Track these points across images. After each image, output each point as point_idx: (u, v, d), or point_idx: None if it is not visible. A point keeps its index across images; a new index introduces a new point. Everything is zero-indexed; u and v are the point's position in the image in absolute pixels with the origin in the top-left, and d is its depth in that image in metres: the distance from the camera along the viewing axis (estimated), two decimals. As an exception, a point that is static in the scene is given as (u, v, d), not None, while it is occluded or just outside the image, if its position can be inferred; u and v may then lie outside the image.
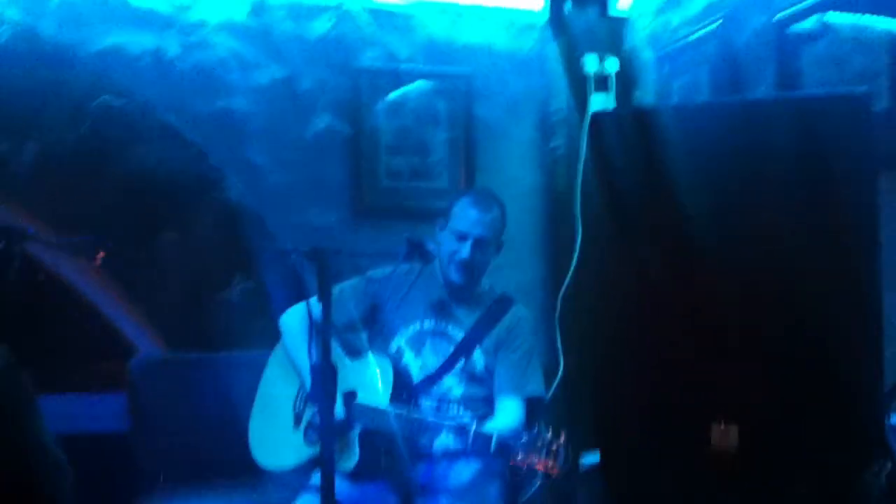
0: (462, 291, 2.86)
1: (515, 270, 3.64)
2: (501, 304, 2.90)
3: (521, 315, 2.90)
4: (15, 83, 3.27)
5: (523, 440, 2.33)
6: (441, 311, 2.86)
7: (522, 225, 3.80)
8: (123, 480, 3.02)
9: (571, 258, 3.24)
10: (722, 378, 2.31)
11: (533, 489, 2.87)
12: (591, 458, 2.57)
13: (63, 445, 2.53)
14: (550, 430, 2.33)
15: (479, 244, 2.77)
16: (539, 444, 2.31)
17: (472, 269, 2.79)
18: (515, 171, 3.83)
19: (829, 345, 2.27)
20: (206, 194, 3.51)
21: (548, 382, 3.16)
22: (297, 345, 2.85)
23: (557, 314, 3.32)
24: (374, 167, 3.67)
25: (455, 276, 2.79)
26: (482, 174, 3.77)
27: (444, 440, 2.43)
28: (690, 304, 2.45)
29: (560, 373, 3.21)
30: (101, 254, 2.73)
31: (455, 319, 2.86)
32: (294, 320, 2.90)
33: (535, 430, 2.35)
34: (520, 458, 2.31)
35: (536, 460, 2.30)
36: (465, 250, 2.75)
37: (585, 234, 3.09)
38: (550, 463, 2.29)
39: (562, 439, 2.31)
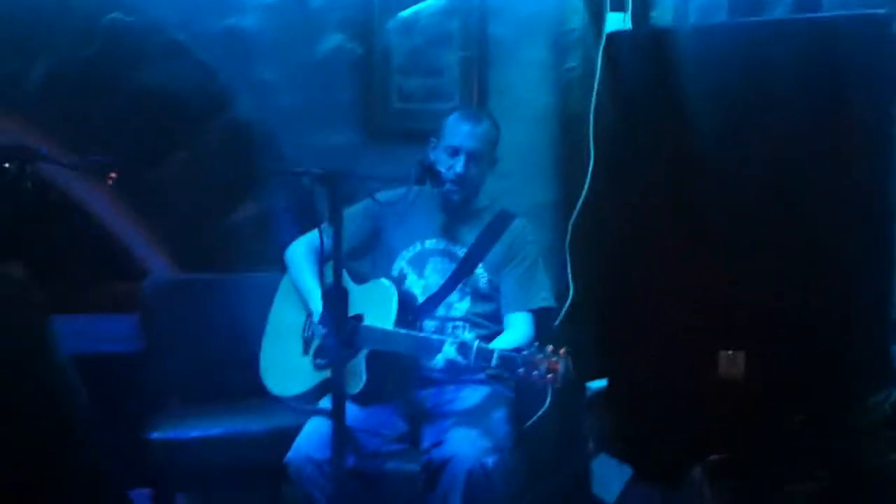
0: (461, 208, 2.86)
1: (526, 194, 3.62)
2: (502, 219, 2.89)
3: (522, 228, 2.90)
4: (23, 2, 3.22)
5: (524, 353, 2.34)
6: (441, 229, 2.87)
7: (535, 147, 3.77)
8: (135, 401, 3.07)
9: (584, 182, 3.21)
10: (730, 305, 2.31)
11: (539, 413, 2.91)
12: (597, 385, 2.60)
13: (76, 365, 2.56)
14: (551, 345, 2.34)
15: (472, 157, 2.76)
16: (540, 356, 2.32)
17: (467, 184, 2.79)
18: (529, 92, 3.77)
19: (838, 272, 2.26)
20: (217, 114, 3.47)
21: (558, 308, 3.17)
22: (303, 274, 2.86)
23: (568, 239, 3.31)
24: (385, 88, 3.61)
25: (451, 193, 2.78)
26: (495, 95, 3.71)
27: (449, 356, 2.43)
28: (701, 229, 2.44)
29: (569, 299, 3.21)
30: (113, 174, 2.73)
31: (456, 237, 2.86)
32: (298, 252, 2.91)
33: (536, 344, 2.36)
34: (521, 371, 2.33)
35: (537, 373, 2.31)
36: (459, 165, 2.75)
37: (598, 158, 3.07)
38: (551, 375, 2.30)
39: (562, 352, 2.32)
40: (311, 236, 2.93)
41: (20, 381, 1.61)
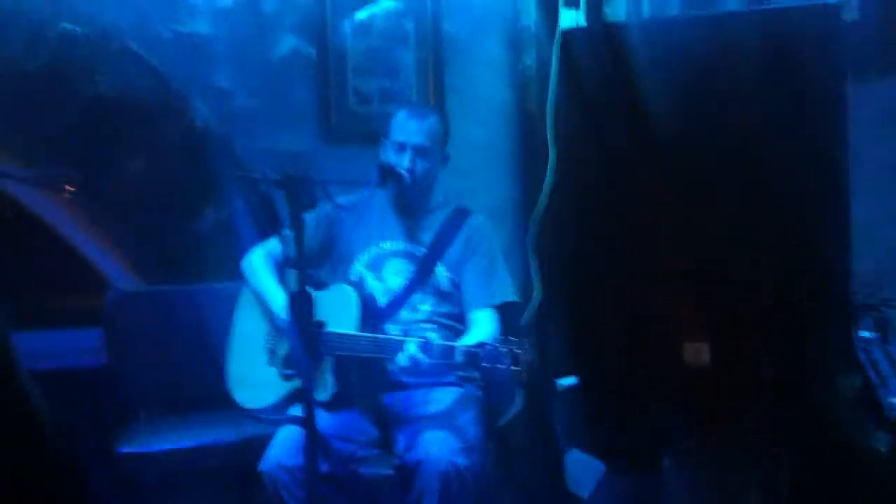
0: (413, 205, 2.85)
1: (487, 193, 3.63)
2: (458, 216, 2.88)
3: (479, 223, 2.88)
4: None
5: (487, 347, 2.35)
6: (398, 230, 2.86)
7: (494, 146, 3.78)
8: (103, 415, 3.03)
9: (544, 179, 3.22)
10: (694, 297, 2.33)
11: (512, 412, 2.92)
12: (568, 382, 2.61)
13: (40, 382, 2.53)
14: (514, 337, 2.36)
15: (418, 152, 2.75)
16: (503, 349, 2.33)
17: (415, 180, 2.76)
18: (486, 90, 3.77)
19: (800, 260, 2.30)
20: (173, 120, 3.44)
21: (523, 307, 3.18)
22: (263, 281, 2.84)
23: (531, 236, 3.32)
24: (342, 90, 3.60)
25: (399, 188, 2.75)
26: (452, 94, 3.71)
27: (411, 353, 2.43)
28: (664, 222, 2.46)
29: (535, 296, 3.22)
30: (69, 186, 2.69)
31: (414, 237, 2.85)
32: (256, 259, 2.89)
33: (498, 338, 2.37)
34: (486, 365, 2.34)
35: (501, 366, 2.32)
36: (406, 160, 2.74)
37: (558, 154, 3.08)
38: (516, 366, 2.32)
39: (524, 342, 2.34)
40: (268, 244, 2.91)
41: None
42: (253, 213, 3.32)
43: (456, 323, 2.79)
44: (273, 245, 2.87)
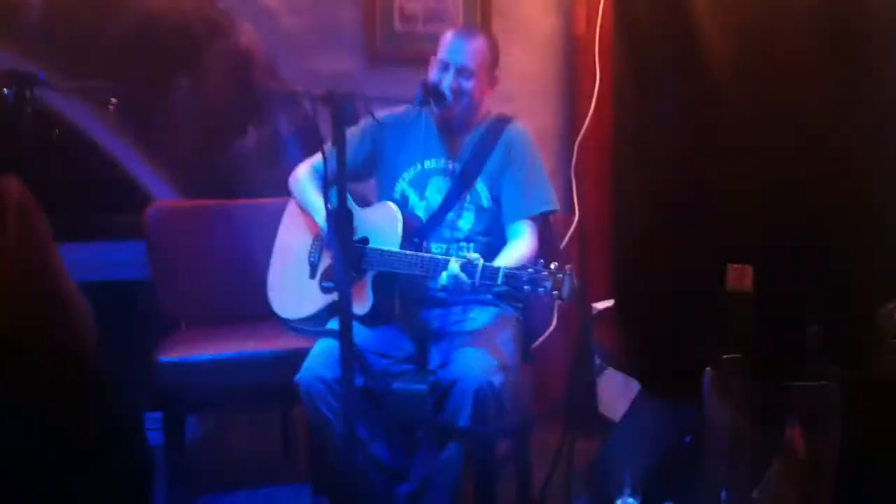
0: (457, 125, 2.82)
1: (531, 117, 3.58)
2: (496, 126, 2.84)
3: (516, 132, 2.84)
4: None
5: (529, 271, 2.34)
6: (440, 148, 2.83)
7: (539, 71, 3.74)
8: (144, 326, 3.08)
9: (589, 105, 3.18)
10: (738, 219, 2.29)
11: (546, 333, 2.92)
12: (604, 304, 2.60)
13: (86, 292, 2.57)
14: (555, 262, 2.35)
15: (461, 72, 2.72)
16: (545, 273, 2.33)
17: (458, 99, 2.73)
18: (533, 13, 3.72)
19: (847, 184, 2.25)
20: (217, 39, 3.43)
21: (563, 231, 3.16)
22: (308, 194, 2.85)
23: (573, 161, 3.29)
24: (387, 10, 3.57)
25: (440, 105, 2.72)
26: (498, 18, 3.66)
27: (453, 273, 2.43)
28: (708, 148, 2.42)
29: (575, 220, 3.21)
30: (114, 100, 2.70)
31: (453, 155, 2.83)
32: (302, 175, 2.91)
33: (541, 262, 2.36)
34: (527, 288, 2.34)
35: (542, 291, 2.32)
36: (448, 79, 2.71)
37: (604, 80, 3.03)
38: (556, 292, 2.31)
39: (567, 268, 2.32)
40: (315, 159, 2.91)
41: (27, 298, 1.59)
42: (296, 131, 3.33)
43: (493, 238, 2.78)
44: (318, 160, 2.87)
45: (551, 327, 2.85)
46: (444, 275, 2.45)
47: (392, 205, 2.72)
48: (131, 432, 1.74)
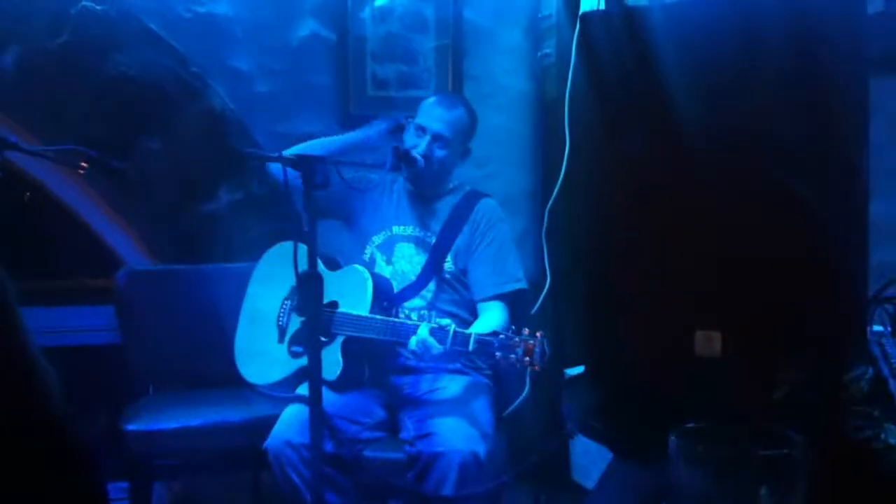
0: (427, 192, 2.84)
1: (504, 181, 3.62)
2: (467, 201, 2.87)
3: (488, 208, 2.87)
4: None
5: (500, 337, 2.34)
6: (410, 215, 2.85)
7: (512, 135, 3.77)
8: (111, 392, 3.04)
9: (560, 168, 3.19)
10: (707, 286, 2.30)
11: (519, 400, 2.90)
12: (575, 371, 2.59)
13: (51, 357, 2.53)
14: (527, 328, 2.35)
15: (437, 139, 2.75)
16: (516, 340, 2.33)
17: (430, 166, 2.75)
18: (505, 79, 3.77)
19: (816, 251, 2.26)
20: (190, 102, 3.44)
21: (535, 295, 3.15)
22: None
23: (545, 226, 3.29)
24: (360, 75, 3.60)
25: (412, 171, 2.74)
26: (470, 82, 3.70)
27: (422, 337, 2.42)
28: (678, 211, 2.43)
29: (547, 285, 3.20)
30: (85, 163, 2.69)
31: (423, 223, 2.84)
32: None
33: (512, 328, 2.37)
34: (498, 355, 2.33)
35: (514, 357, 2.32)
36: (423, 144, 2.73)
37: (574, 144, 3.05)
38: (528, 358, 2.31)
39: (539, 334, 2.33)
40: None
41: None
42: (267, 195, 3.33)
43: (460, 310, 2.78)
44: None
45: (524, 393, 2.83)
46: (413, 339, 2.45)
47: (362, 268, 2.72)
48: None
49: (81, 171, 2.67)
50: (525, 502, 2.79)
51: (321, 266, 2.63)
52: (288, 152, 2.78)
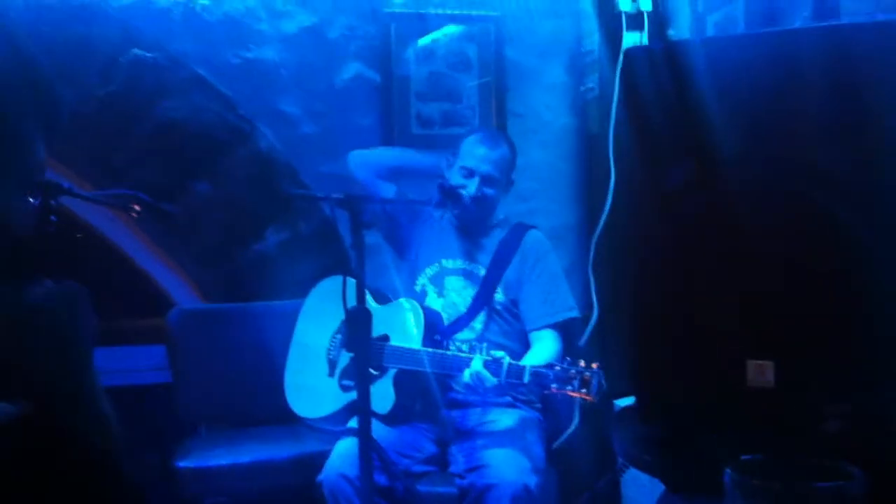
0: (474, 227, 2.86)
1: (548, 215, 3.63)
2: (515, 234, 2.89)
3: (536, 239, 2.89)
4: (45, 39, 3.27)
5: (556, 369, 2.33)
6: (458, 248, 2.87)
7: (555, 170, 3.79)
8: (163, 431, 3.07)
9: (605, 201, 3.20)
10: (758, 316, 2.28)
11: (568, 432, 2.89)
12: (625, 403, 2.57)
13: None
14: (583, 360, 2.34)
15: (485, 181, 2.78)
16: (573, 371, 2.32)
17: (481, 205, 2.79)
18: (548, 115, 3.80)
19: (867, 281, 2.24)
20: (238, 145, 3.50)
21: (582, 329, 3.15)
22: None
23: (591, 259, 3.30)
24: (404, 114, 3.65)
25: (463, 212, 2.78)
26: (514, 119, 3.74)
27: (477, 370, 2.42)
28: (725, 242, 2.42)
29: (594, 318, 3.20)
30: (137, 206, 2.75)
31: (473, 256, 2.86)
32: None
33: (567, 360, 2.35)
34: (554, 387, 2.32)
35: (570, 389, 2.31)
36: (473, 186, 2.76)
37: (619, 177, 3.05)
38: (584, 390, 2.30)
39: (594, 366, 2.32)
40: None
41: (65, 404, 1.59)
42: (315, 234, 3.36)
43: (511, 342, 2.78)
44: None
45: (573, 426, 2.82)
46: (466, 372, 2.45)
47: (413, 301, 2.73)
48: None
49: (134, 216, 2.72)
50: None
51: (370, 300, 2.67)
52: (356, 153, 2.90)
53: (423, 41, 3.65)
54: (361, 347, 2.19)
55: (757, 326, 2.31)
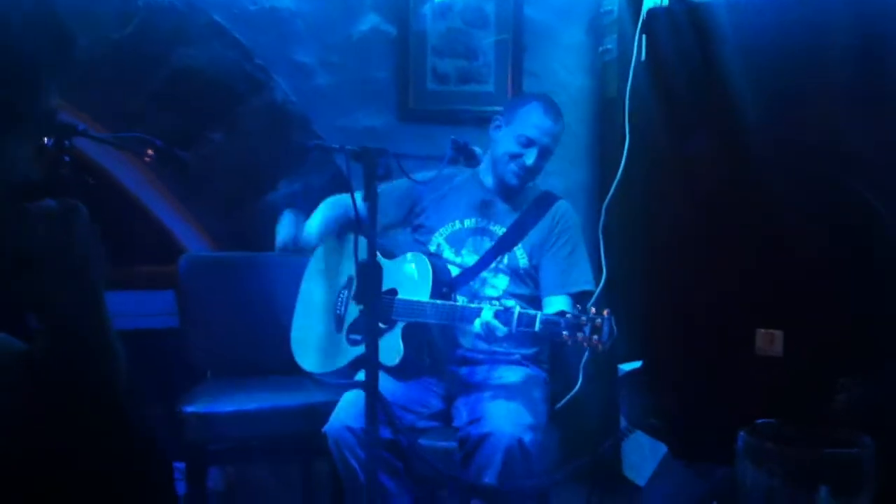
0: (509, 192, 2.85)
1: (561, 177, 3.61)
2: (544, 201, 2.89)
3: (565, 210, 2.89)
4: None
5: (567, 317, 2.34)
6: (483, 209, 2.86)
7: (570, 131, 3.75)
8: (170, 376, 3.09)
9: (619, 165, 3.18)
10: (768, 284, 2.28)
11: (571, 395, 2.90)
12: (631, 366, 2.58)
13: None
14: (594, 308, 2.35)
15: (544, 153, 2.77)
16: (584, 318, 2.32)
17: (532, 175, 2.81)
18: (564, 75, 3.77)
19: (878, 251, 2.24)
20: (253, 95, 3.49)
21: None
22: (334, 202, 2.86)
23: (601, 222, 3.28)
24: (420, 70, 3.63)
25: (512, 178, 2.78)
26: (530, 78, 3.71)
27: (487, 320, 2.42)
28: (738, 209, 2.41)
29: (602, 281, 3.19)
30: (151, 151, 2.75)
31: (497, 217, 2.86)
32: (326, 201, 2.90)
33: (578, 308, 2.36)
34: (565, 334, 2.33)
35: (581, 336, 2.31)
36: (531, 157, 2.75)
37: (633, 141, 3.04)
38: (595, 337, 2.31)
39: (605, 312, 2.32)
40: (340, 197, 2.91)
41: (73, 325, 1.57)
42: (328, 186, 3.36)
43: (528, 305, 2.78)
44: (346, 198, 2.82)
45: (577, 387, 2.83)
46: (476, 322, 2.45)
47: (422, 255, 2.74)
48: (162, 483, 1.73)
49: (147, 160, 2.71)
50: (575, 498, 2.78)
51: (378, 255, 2.67)
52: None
53: (441, -5, 3.62)
54: (372, 300, 2.20)
55: (768, 295, 2.32)
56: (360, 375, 2.57)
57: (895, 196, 2.24)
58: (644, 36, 2.74)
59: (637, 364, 2.65)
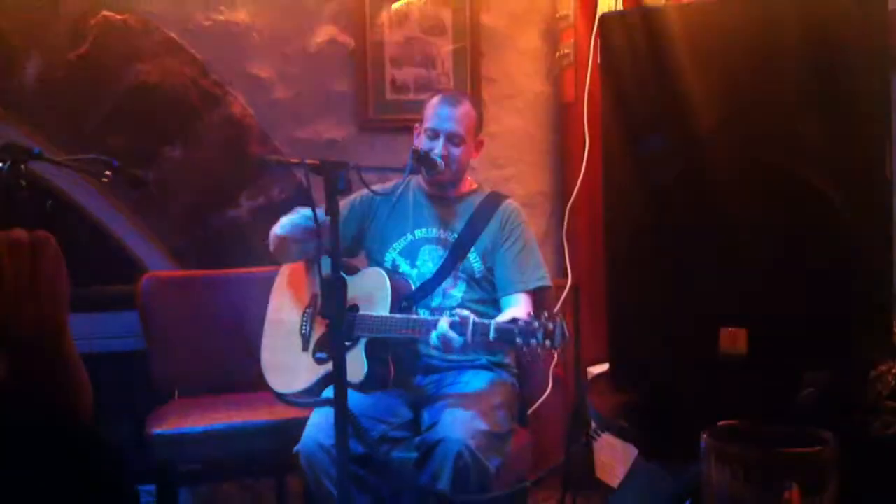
0: (446, 192, 2.86)
1: (523, 182, 3.63)
2: (490, 202, 2.89)
3: (512, 209, 2.89)
4: (14, 2, 3.22)
5: (520, 324, 2.35)
6: (431, 218, 2.86)
7: (530, 136, 3.78)
8: (137, 397, 3.06)
9: (579, 169, 3.21)
10: (731, 283, 2.30)
11: (540, 400, 2.91)
12: (598, 370, 2.59)
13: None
14: (546, 313, 2.36)
15: (451, 139, 2.77)
16: (535, 325, 2.33)
17: (449, 165, 2.78)
18: (522, 81, 3.79)
19: (839, 248, 2.26)
20: (210, 110, 3.47)
21: (556, 295, 3.16)
22: (298, 214, 2.80)
23: (565, 226, 3.31)
24: (379, 79, 3.63)
25: (431, 171, 2.76)
26: (488, 85, 3.72)
27: (442, 332, 2.43)
28: (699, 209, 2.43)
29: (568, 284, 3.21)
30: (108, 172, 2.72)
31: (447, 224, 2.85)
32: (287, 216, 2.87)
33: (531, 314, 2.37)
34: (519, 341, 2.34)
35: (535, 341, 2.32)
36: (439, 146, 2.75)
37: (593, 144, 3.06)
38: (548, 341, 2.32)
39: (557, 318, 2.33)
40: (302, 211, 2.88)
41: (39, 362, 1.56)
42: (289, 201, 3.34)
43: (489, 309, 2.79)
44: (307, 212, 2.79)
45: (547, 392, 2.84)
46: (433, 334, 2.46)
47: (379, 270, 2.74)
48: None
49: (105, 181, 2.68)
50: (549, 499, 2.79)
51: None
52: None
53: (398, 5, 3.62)
54: (338, 315, 2.19)
55: (731, 294, 2.34)
56: (329, 391, 2.56)
57: (847, 185, 2.27)
58: (598, 40, 2.75)
59: (604, 366, 2.66)
